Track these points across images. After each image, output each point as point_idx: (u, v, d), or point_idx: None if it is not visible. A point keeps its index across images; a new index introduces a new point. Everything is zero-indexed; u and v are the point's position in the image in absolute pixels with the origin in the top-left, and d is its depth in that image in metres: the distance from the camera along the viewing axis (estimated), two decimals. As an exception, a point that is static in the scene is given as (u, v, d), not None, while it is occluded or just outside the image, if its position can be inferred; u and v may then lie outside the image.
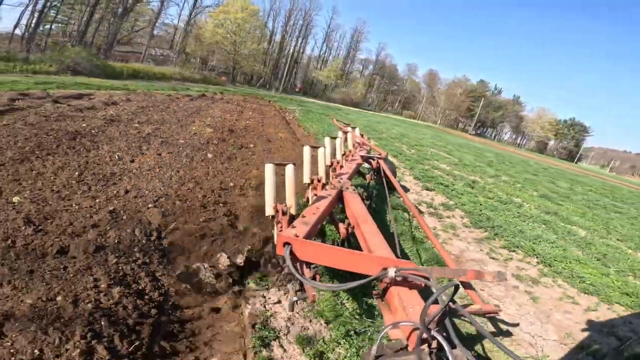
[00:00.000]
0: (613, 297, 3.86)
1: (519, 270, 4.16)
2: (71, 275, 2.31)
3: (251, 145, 7.03)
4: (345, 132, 5.54)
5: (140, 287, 2.42)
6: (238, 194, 4.09)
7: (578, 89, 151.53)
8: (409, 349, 1.32)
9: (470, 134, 68.12)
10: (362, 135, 6.61)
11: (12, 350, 1.74)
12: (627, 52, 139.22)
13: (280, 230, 2.19)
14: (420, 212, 5.38)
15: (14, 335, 1.81)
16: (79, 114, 6.71)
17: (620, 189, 18.38)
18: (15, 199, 3.02)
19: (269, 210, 2.43)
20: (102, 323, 2.06)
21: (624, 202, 12.05)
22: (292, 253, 1.86)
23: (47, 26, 30.14)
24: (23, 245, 2.49)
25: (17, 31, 26.82)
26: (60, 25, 32.21)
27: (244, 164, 5.56)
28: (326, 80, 62.78)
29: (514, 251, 4.66)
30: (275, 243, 2.01)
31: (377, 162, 5.02)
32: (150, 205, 3.28)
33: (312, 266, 1.92)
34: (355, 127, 6.79)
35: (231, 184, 4.37)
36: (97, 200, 3.24)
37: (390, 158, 6.70)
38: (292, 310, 2.38)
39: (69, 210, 2.99)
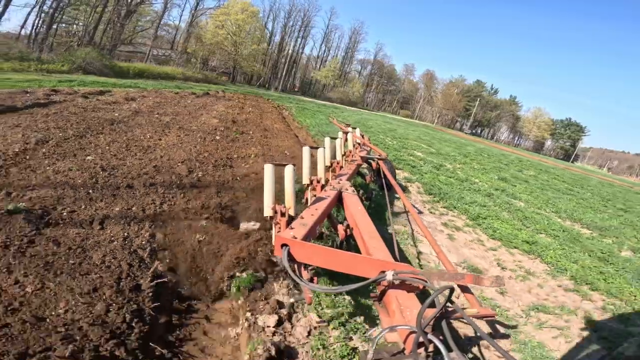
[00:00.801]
0: (514, 243, 5.14)
1: (449, 221, 5.56)
2: (138, 197, 3.72)
3: (250, 132, 8.48)
4: (346, 133, 5.48)
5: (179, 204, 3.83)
6: (240, 161, 5.52)
7: (578, 90, 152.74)
8: (406, 352, 1.32)
9: (465, 133, 69.42)
10: (362, 136, 6.57)
11: (110, 235, 3.12)
12: (628, 52, 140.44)
13: (279, 232, 2.19)
14: (420, 212, 5.60)
15: (110, 227, 3.19)
16: (109, 107, 8.12)
17: (590, 180, 19.85)
18: (89, 157, 4.44)
19: (267, 211, 2.38)
20: (159, 219, 3.46)
21: (582, 188, 13.48)
22: (289, 254, 1.86)
23: (54, 26, 31.42)
24: (103, 182, 3.89)
25: (22, 32, 28.11)
26: (64, 25, 33.41)
27: (245, 144, 7.00)
28: (324, 80, 64.05)
29: (450, 210, 6.07)
30: (274, 244, 2.00)
31: (377, 163, 5.03)
32: (179, 164, 4.71)
33: (310, 267, 1.96)
34: (355, 128, 6.75)
35: (235, 156, 5.82)
36: (142, 161, 4.66)
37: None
38: (290, 311, 2.40)
39: (126, 165, 4.41)
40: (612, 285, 4.32)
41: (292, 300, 2.12)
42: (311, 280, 1.91)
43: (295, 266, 1.91)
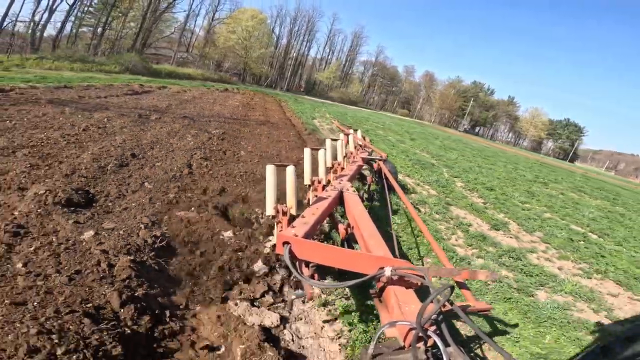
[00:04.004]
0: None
1: (350, 144, 11.86)
2: (215, 118, 10.15)
3: (257, 109, 15.04)
4: (347, 134, 5.61)
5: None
6: (251, 117, 12.02)
7: (580, 90, 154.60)
8: (405, 348, 1.39)
9: (459, 131, 73.88)
10: (364, 138, 6.81)
11: (213, 126, 9.50)
12: (632, 52, 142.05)
13: (281, 230, 2.30)
14: (420, 211, 5.83)
15: (212, 123, 9.58)
16: (178, 94, 14.64)
17: (518, 158, 26.26)
18: (192, 108, 10.91)
19: (269, 210, 2.49)
20: (225, 122, 9.90)
21: (480, 152, 19.60)
22: (291, 252, 1.96)
23: (76, 29, 37.00)
24: (202, 114, 10.33)
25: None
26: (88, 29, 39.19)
27: (254, 113, 13.54)
28: (326, 81, 69.61)
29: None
30: (275, 242, 2.10)
31: (378, 164, 5.18)
32: (226, 114, 11.22)
33: (311, 265, 2.05)
34: (357, 130, 7.18)
35: (249, 114, 12.35)
36: (211, 111, 11.18)
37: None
38: (291, 308, 2.49)
39: (205, 113, 10.88)
40: (399, 164, 10.45)
41: (293, 296, 2.09)
42: (312, 276, 1.99)
43: (297, 263, 1.98)
